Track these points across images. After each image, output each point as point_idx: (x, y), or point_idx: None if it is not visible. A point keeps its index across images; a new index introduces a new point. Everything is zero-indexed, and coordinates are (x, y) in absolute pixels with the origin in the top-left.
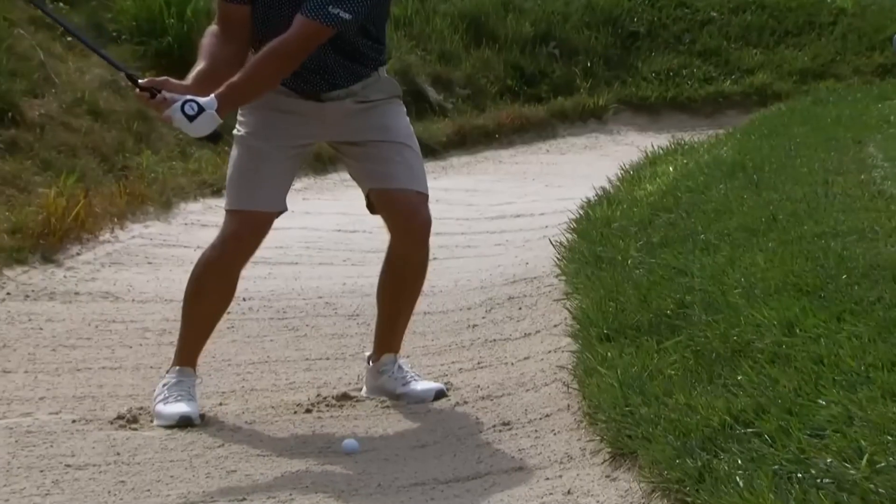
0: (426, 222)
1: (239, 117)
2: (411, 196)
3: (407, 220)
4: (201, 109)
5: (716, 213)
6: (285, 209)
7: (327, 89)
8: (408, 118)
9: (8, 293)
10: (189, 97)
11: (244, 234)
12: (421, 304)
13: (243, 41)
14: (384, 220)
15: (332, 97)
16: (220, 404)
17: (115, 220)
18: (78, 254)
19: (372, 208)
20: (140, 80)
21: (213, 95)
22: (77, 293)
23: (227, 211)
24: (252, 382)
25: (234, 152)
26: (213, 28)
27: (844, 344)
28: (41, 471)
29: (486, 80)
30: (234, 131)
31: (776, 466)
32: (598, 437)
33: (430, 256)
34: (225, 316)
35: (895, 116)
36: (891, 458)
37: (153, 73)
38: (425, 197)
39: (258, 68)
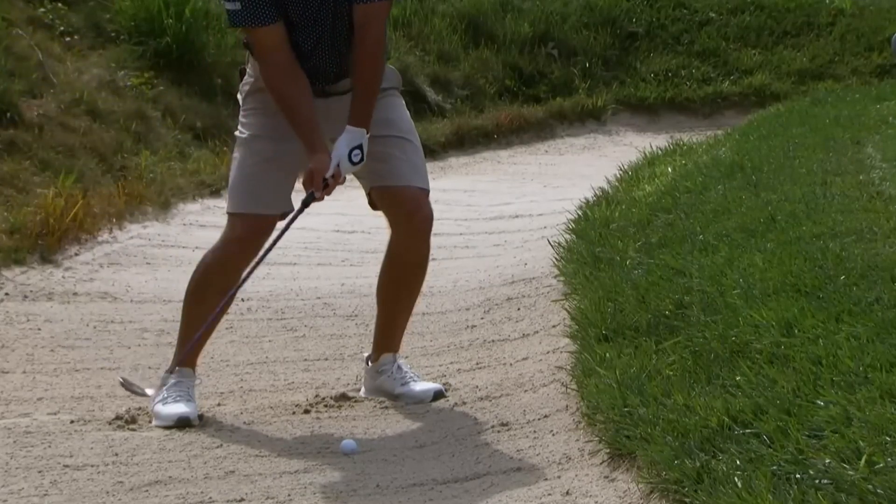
0: (428, 218)
1: (241, 119)
2: (413, 192)
3: (409, 216)
4: (361, 146)
5: (714, 214)
6: (291, 209)
7: (333, 80)
8: (407, 112)
9: (6, 293)
10: (346, 151)
11: (247, 236)
12: (419, 305)
13: (293, 60)
14: (385, 216)
15: (337, 90)
16: (219, 405)
17: (114, 220)
18: (76, 254)
19: (373, 204)
20: (312, 194)
21: (350, 127)
22: (75, 293)
23: (230, 214)
24: (250, 383)
25: (236, 154)
26: (265, 76)
27: (843, 344)
28: (39, 471)
29: (485, 80)
30: (237, 133)
31: (774, 467)
32: (596, 438)
33: (429, 256)
34: (224, 316)
35: (893, 117)
36: (889, 459)
37: (151, 73)
38: (427, 192)
39: (367, 75)
